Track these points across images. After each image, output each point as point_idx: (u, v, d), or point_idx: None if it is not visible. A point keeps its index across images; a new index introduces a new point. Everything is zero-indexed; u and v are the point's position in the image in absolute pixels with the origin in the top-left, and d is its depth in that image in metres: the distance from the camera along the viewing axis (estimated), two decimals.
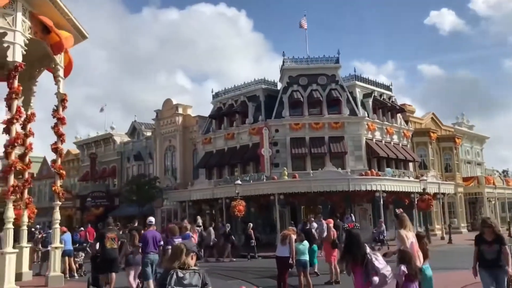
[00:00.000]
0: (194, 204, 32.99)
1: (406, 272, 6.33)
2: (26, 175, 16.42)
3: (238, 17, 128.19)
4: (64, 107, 15.83)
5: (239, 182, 26.93)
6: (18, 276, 15.37)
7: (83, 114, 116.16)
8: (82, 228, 22.54)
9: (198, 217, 24.41)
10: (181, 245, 4.62)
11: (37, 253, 20.10)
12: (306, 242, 12.64)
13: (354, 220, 26.19)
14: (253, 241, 23.27)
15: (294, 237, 12.17)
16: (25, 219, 16.38)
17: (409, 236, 7.32)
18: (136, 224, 20.47)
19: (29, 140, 16.71)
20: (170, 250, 9.76)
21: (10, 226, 11.83)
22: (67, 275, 16.93)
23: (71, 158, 49.96)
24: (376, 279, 5.99)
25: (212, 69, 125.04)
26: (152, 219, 12.08)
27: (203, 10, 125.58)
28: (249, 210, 29.22)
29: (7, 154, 12.03)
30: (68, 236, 18.38)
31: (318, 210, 28.84)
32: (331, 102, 32.00)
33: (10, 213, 11.86)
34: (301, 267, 12.08)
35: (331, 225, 14.19)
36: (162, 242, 11.28)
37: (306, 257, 12.43)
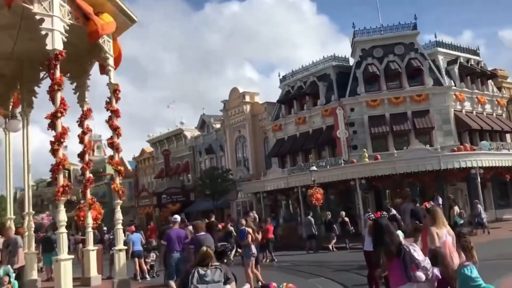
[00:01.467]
0: (269, 194, 31.40)
1: (439, 276, 5.44)
2: (87, 175, 15.54)
3: (301, 1, 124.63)
4: (117, 99, 14.59)
5: (314, 168, 24.81)
6: (87, 281, 14.53)
7: (160, 116, 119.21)
8: (149, 226, 21.68)
9: (254, 212, 22.65)
10: (207, 249, 4.49)
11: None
12: (400, 232, 10.34)
13: (441, 203, 23.00)
14: (351, 228, 21.20)
15: None
16: (90, 221, 15.47)
17: (441, 233, 6.48)
18: (213, 219, 19.56)
19: (87, 137, 15.81)
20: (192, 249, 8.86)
21: (62, 230, 10.67)
22: (139, 277, 15.99)
23: (146, 156, 50.46)
24: (420, 274, 5.22)
25: (279, 59, 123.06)
26: (177, 216, 11.48)
27: None
28: (327, 198, 27.08)
29: (54, 151, 10.83)
30: (137, 236, 17.40)
31: (406, 193, 26.23)
32: (412, 73, 28.76)
33: (62, 216, 10.69)
34: None
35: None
36: (188, 240, 10.41)
37: None
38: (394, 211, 18.58)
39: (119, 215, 14.32)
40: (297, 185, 27.74)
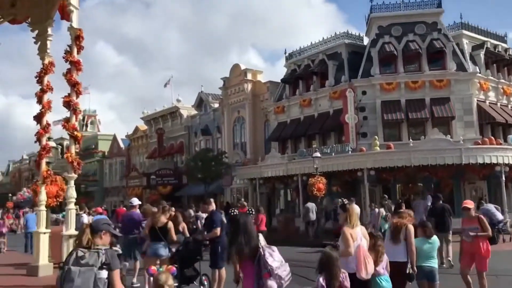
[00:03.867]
0: (266, 182, 28.58)
1: (324, 286, 4.75)
2: (43, 142, 12.75)
3: None
4: (79, 48, 11.77)
5: (318, 154, 22.01)
6: (34, 270, 11.88)
7: (162, 97, 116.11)
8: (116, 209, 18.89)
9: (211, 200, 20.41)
10: (85, 226, 4.27)
11: None
12: (435, 239, 7.54)
13: (429, 203, 19.77)
14: None
15: (412, 228, 7.19)
16: (43, 197, 12.70)
17: (356, 235, 5.79)
18: (211, 205, 17.13)
19: (47, 96, 12.96)
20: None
21: None
22: None
23: (139, 134, 47.64)
24: (271, 283, 4.76)
25: (286, 47, 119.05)
26: (134, 200, 11.77)
27: None
28: (329, 189, 24.36)
29: None
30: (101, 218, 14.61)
31: (418, 188, 23.41)
32: (433, 56, 25.70)
33: None
34: (425, 279, 7.22)
35: (472, 208, 8.69)
36: (143, 224, 10.49)
37: (434, 263, 7.42)
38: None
39: (71, 192, 11.54)
40: (297, 173, 24.97)
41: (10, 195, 54.80)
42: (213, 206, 10.17)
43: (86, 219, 14.56)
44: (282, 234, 22.13)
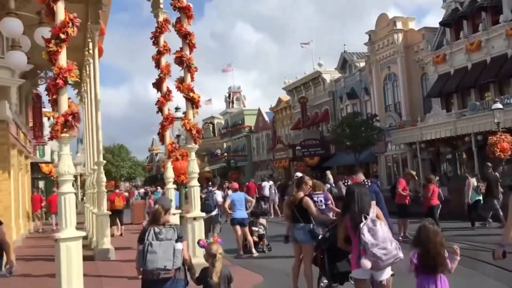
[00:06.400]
0: (428, 145, 24.44)
1: (415, 261, 4.05)
2: (166, 111, 11.08)
3: None
4: None
5: (499, 106, 17.40)
6: None
7: (303, 71, 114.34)
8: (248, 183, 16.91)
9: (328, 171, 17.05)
10: (159, 207, 4.76)
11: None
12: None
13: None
14: None
15: None
16: (170, 173, 11.11)
17: None
18: (359, 174, 14.45)
19: (165, 59, 11.22)
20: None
21: (65, 188, 6.20)
22: (242, 252, 11.60)
23: (282, 106, 46.10)
24: (365, 262, 4.24)
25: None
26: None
27: None
28: None
29: (50, 55, 6.25)
30: (239, 196, 12.72)
31: None
32: None
33: (65, 165, 6.17)
34: None
35: None
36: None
37: None
38: None
39: (193, 166, 9.59)
40: (469, 132, 20.51)
41: None
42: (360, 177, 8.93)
43: (220, 196, 12.89)
44: (455, 207, 18.12)
